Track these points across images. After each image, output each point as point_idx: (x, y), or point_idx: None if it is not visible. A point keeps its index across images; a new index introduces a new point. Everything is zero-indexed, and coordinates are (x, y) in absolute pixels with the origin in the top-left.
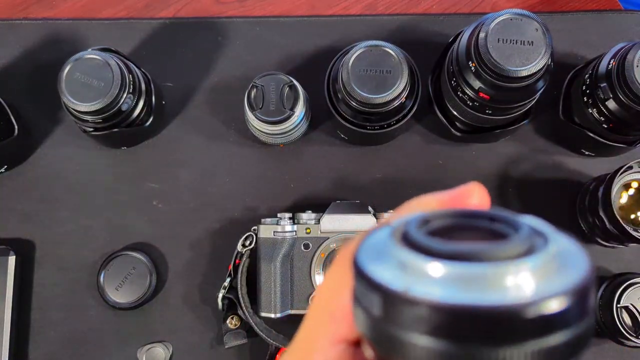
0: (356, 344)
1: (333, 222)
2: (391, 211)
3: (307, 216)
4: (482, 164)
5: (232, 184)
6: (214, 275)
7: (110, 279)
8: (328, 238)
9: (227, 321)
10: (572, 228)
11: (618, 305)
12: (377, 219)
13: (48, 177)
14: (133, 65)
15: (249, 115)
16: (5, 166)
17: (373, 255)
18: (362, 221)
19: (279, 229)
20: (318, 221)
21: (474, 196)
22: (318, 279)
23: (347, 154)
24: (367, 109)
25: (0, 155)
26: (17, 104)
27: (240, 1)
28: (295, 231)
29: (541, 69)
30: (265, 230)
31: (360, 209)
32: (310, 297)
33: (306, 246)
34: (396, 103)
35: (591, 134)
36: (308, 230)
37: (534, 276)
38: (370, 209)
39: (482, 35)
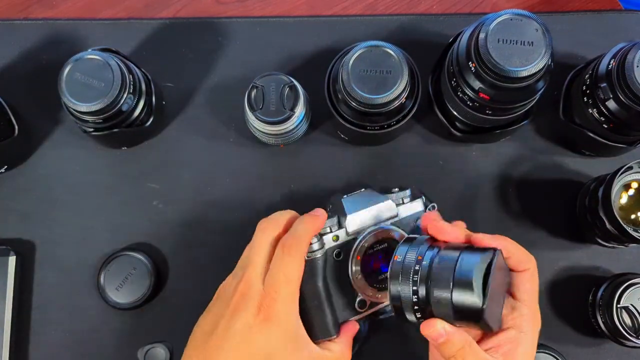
0: None
1: (357, 221)
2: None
3: (330, 222)
4: (482, 164)
5: (232, 184)
6: (214, 276)
7: (111, 279)
8: (357, 238)
9: None
10: (572, 228)
11: (618, 306)
12: (393, 201)
13: (48, 177)
14: (133, 66)
15: (249, 115)
16: (6, 166)
17: None
18: (385, 208)
19: (308, 251)
20: (340, 225)
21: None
22: (359, 282)
23: (347, 154)
24: (367, 109)
25: (0, 155)
26: (17, 104)
27: (241, 1)
28: (324, 244)
29: (541, 69)
30: None
31: (374, 197)
32: (357, 302)
33: (338, 255)
34: (396, 103)
35: (591, 134)
36: (335, 238)
37: None
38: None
39: (482, 35)
